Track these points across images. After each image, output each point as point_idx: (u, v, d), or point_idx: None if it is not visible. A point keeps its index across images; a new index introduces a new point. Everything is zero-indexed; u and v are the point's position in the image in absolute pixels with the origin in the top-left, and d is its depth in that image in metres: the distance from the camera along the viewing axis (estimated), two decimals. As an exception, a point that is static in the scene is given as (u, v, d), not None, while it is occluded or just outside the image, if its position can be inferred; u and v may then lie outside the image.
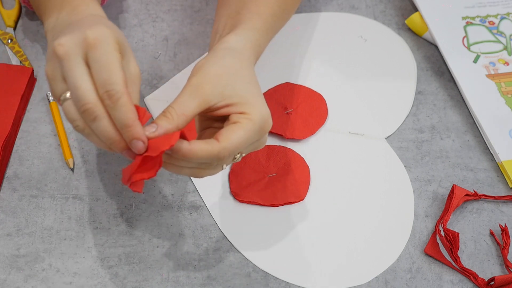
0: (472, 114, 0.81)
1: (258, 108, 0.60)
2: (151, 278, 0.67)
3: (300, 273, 0.68)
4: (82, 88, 0.55)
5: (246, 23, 0.68)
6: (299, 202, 0.73)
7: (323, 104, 0.81)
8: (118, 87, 0.54)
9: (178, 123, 0.58)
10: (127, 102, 0.54)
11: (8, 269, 0.67)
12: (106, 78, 0.54)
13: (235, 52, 0.64)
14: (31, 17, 0.87)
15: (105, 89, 0.54)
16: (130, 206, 0.72)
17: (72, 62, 0.55)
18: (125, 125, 0.55)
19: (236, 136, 0.58)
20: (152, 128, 0.57)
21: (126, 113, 0.54)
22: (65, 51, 0.55)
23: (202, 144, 0.57)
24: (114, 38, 0.56)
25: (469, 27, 0.89)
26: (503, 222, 0.73)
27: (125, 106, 0.54)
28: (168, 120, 0.57)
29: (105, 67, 0.54)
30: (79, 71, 0.55)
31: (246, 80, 0.62)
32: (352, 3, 0.92)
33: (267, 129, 0.61)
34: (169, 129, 0.57)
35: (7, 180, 0.73)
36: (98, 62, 0.55)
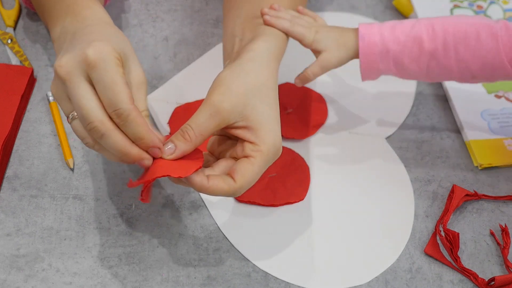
0: (446, 94, 0.82)
1: (272, 138, 0.60)
2: (151, 278, 0.67)
3: (300, 273, 0.68)
4: (86, 107, 0.55)
5: (269, 28, 0.68)
6: (299, 202, 0.73)
7: (323, 104, 0.81)
8: (125, 105, 0.55)
9: (196, 143, 0.59)
10: (136, 118, 0.55)
11: (8, 269, 0.67)
12: (111, 98, 0.55)
13: (262, 64, 0.63)
14: (31, 17, 0.87)
15: (112, 109, 0.55)
16: (130, 206, 0.72)
17: (74, 83, 0.56)
18: (139, 138, 0.56)
19: (251, 174, 0.59)
20: (169, 150, 0.58)
21: (137, 128, 0.56)
22: (66, 72, 0.56)
23: (220, 182, 0.58)
24: (115, 53, 0.56)
25: (456, 9, 0.89)
26: (503, 222, 0.73)
27: (135, 121, 0.55)
28: (186, 142, 0.58)
29: (109, 87, 0.55)
30: (81, 91, 0.56)
31: (267, 101, 0.61)
32: (352, 3, 0.92)
33: (278, 155, 0.62)
34: (187, 151, 0.59)
35: (7, 180, 0.73)
36: (101, 82, 0.55)
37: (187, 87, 0.82)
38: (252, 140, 0.60)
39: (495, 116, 0.80)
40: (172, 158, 0.58)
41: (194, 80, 0.83)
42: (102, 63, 0.55)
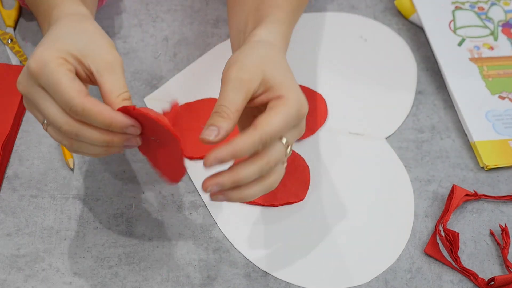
0: (450, 95, 0.82)
1: (294, 91, 0.59)
2: (151, 278, 0.67)
3: (300, 273, 0.68)
4: (51, 114, 0.56)
5: (270, 16, 0.67)
6: (299, 202, 0.73)
7: (323, 104, 0.81)
8: (74, 101, 0.55)
9: (234, 121, 0.57)
10: (91, 108, 0.55)
11: (8, 269, 0.67)
12: (61, 99, 0.55)
13: (268, 44, 0.63)
14: (31, 17, 0.87)
15: (68, 108, 0.55)
16: (130, 206, 0.72)
17: (33, 94, 0.57)
18: (107, 125, 0.56)
19: (274, 120, 0.57)
20: (213, 132, 0.56)
21: (98, 117, 0.55)
22: (22, 87, 0.58)
23: (242, 138, 0.56)
24: (57, 54, 0.56)
25: (457, 11, 0.90)
26: (503, 222, 0.73)
27: (92, 113, 0.55)
28: (225, 120, 0.56)
29: (55, 89, 0.55)
30: (41, 100, 0.57)
31: (282, 67, 0.61)
32: (352, 3, 0.92)
33: (304, 112, 0.60)
34: (229, 130, 0.57)
35: (7, 180, 0.73)
36: (48, 87, 0.56)
37: (187, 87, 0.82)
38: (275, 95, 0.58)
39: (500, 117, 0.81)
40: (219, 140, 0.56)
41: (194, 80, 0.82)
42: (43, 69, 0.55)
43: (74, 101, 0.55)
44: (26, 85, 0.57)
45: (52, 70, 0.55)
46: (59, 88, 0.55)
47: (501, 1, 0.92)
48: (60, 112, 0.56)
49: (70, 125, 0.56)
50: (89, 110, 0.55)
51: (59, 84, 0.55)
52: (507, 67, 0.85)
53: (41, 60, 0.56)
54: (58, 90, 0.55)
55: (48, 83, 0.55)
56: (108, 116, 0.55)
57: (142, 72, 0.83)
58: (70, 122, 0.56)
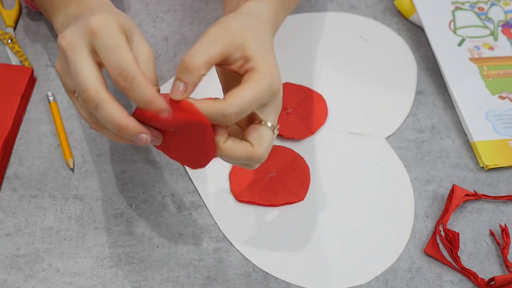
0: (450, 95, 0.82)
1: (269, 66, 0.58)
2: (151, 278, 0.67)
3: (300, 273, 0.68)
4: (82, 74, 0.54)
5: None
6: (299, 202, 0.73)
7: (323, 104, 0.81)
8: (130, 67, 0.53)
9: (202, 72, 0.55)
10: (142, 80, 0.53)
11: (8, 269, 0.67)
12: (116, 60, 0.53)
13: (255, 16, 0.63)
14: (31, 17, 0.87)
15: (118, 71, 0.53)
16: (130, 206, 0.72)
17: (75, 52, 0.55)
18: (147, 102, 0.54)
19: (243, 94, 0.56)
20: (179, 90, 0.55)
21: (144, 90, 0.53)
22: (68, 42, 0.55)
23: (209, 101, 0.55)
24: (118, 23, 0.55)
25: (457, 11, 0.90)
26: (503, 222, 0.73)
27: (141, 83, 0.53)
28: (191, 73, 0.55)
29: (113, 50, 0.53)
30: (80, 59, 0.54)
31: (263, 39, 0.60)
32: (352, 3, 0.92)
33: (276, 88, 0.58)
34: (195, 82, 0.55)
35: (7, 180, 0.73)
36: (105, 47, 0.54)
37: (187, 87, 0.82)
38: (250, 67, 0.58)
39: (500, 117, 0.81)
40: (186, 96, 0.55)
41: (194, 80, 0.82)
42: (106, 30, 0.54)
43: (129, 66, 0.53)
44: (74, 41, 0.55)
45: (114, 33, 0.54)
46: (118, 49, 0.53)
47: (501, 1, 0.92)
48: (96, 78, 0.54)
49: (98, 93, 0.53)
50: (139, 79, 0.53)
51: (119, 46, 0.53)
52: (507, 67, 0.85)
53: (104, 21, 0.54)
54: (117, 51, 0.53)
55: (105, 42, 0.53)
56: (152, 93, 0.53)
57: (142, 72, 0.82)
58: (99, 90, 0.54)
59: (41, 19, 0.86)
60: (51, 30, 0.85)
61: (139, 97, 0.54)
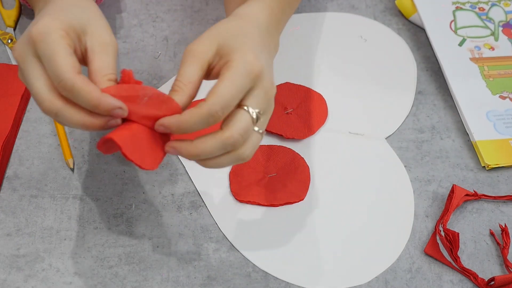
0: (451, 95, 0.82)
1: (241, 53, 0.57)
2: (151, 278, 0.67)
3: (300, 273, 0.68)
4: (35, 88, 0.55)
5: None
6: (299, 202, 0.73)
7: (323, 104, 0.81)
8: (66, 75, 0.53)
9: (188, 92, 0.56)
10: (81, 86, 0.53)
11: (8, 269, 0.67)
12: (53, 70, 0.54)
13: (241, 15, 0.62)
14: (31, 17, 0.87)
15: (57, 81, 0.54)
16: (130, 206, 0.72)
17: (25, 64, 0.55)
18: (94, 106, 0.54)
19: (221, 88, 0.55)
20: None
21: (86, 96, 0.53)
22: (18, 54, 0.56)
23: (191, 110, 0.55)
24: (60, 25, 0.55)
25: (458, 11, 0.90)
26: (503, 222, 0.73)
27: (82, 90, 0.53)
28: (177, 93, 0.56)
29: (50, 59, 0.54)
30: (30, 71, 0.55)
31: (242, 35, 0.59)
32: (352, 3, 0.92)
33: (256, 71, 0.57)
34: (183, 101, 0.56)
35: (7, 180, 0.73)
36: (43, 57, 0.54)
37: (187, 87, 0.82)
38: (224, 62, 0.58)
39: (501, 116, 0.81)
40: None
41: (194, 80, 0.82)
42: (44, 37, 0.54)
43: (65, 75, 0.53)
44: (22, 52, 0.55)
45: (52, 40, 0.54)
46: (54, 59, 0.54)
47: (502, 2, 0.92)
48: (45, 87, 0.54)
49: (51, 103, 0.54)
50: (78, 87, 0.53)
51: (55, 55, 0.54)
52: (507, 67, 0.85)
53: (44, 29, 0.54)
54: (53, 61, 0.53)
55: (45, 52, 0.54)
56: (96, 96, 0.53)
57: (142, 72, 0.83)
58: (53, 100, 0.54)
59: (41, 19, 0.86)
60: (51, 30, 0.85)
61: (84, 103, 0.54)
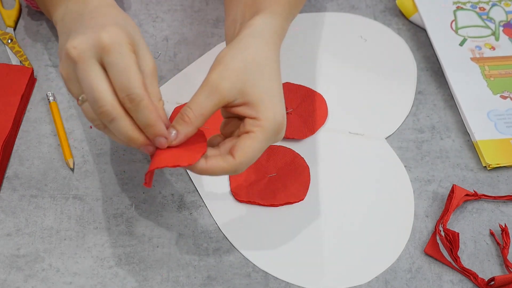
0: (452, 94, 0.82)
1: (272, 112, 0.59)
2: (151, 278, 0.67)
3: (300, 273, 0.68)
4: (98, 90, 0.55)
5: (268, 8, 0.66)
6: (299, 202, 0.73)
7: (323, 104, 0.81)
8: (138, 91, 0.55)
9: (197, 124, 0.59)
10: (148, 104, 0.56)
11: (8, 269, 0.67)
12: (125, 83, 0.55)
13: (261, 38, 0.63)
14: (31, 17, 0.87)
15: (125, 93, 0.55)
16: (130, 206, 0.72)
17: (87, 65, 0.56)
18: (148, 125, 0.56)
19: (251, 149, 0.59)
20: (171, 136, 0.58)
21: (148, 114, 0.56)
22: (79, 54, 0.56)
23: (219, 161, 0.59)
24: (128, 40, 0.56)
25: (458, 11, 0.90)
26: (503, 222, 0.73)
27: (147, 108, 0.56)
28: (186, 124, 0.58)
29: (123, 72, 0.55)
30: (93, 74, 0.55)
31: (267, 75, 0.61)
32: (352, 3, 0.92)
33: (281, 132, 0.61)
34: (189, 133, 0.59)
35: (7, 180, 0.73)
36: (115, 67, 0.55)
37: (187, 87, 0.82)
38: (253, 115, 0.59)
39: (501, 116, 0.81)
40: (176, 144, 0.58)
41: (194, 80, 0.82)
42: (117, 48, 0.55)
43: (136, 90, 0.55)
44: (84, 52, 0.55)
45: (125, 52, 0.55)
46: (128, 71, 0.55)
47: (502, 2, 0.92)
48: (110, 93, 0.55)
49: (114, 108, 0.56)
50: (145, 103, 0.55)
51: (129, 68, 0.55)
52: (508, 67, 0.85)
53: (116, 38, 0.55)
54: (126, 73, 0.55)
55: (116, 62, 0.55)
56: (155, 117, 0.56)
57: (142, 72, 0.82)
58: (115, 106, 0.56)
59: (41, 18, 0.86)
60: (51, 30, 0.85)
61: (142, 119, 0.56)
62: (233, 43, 0.62)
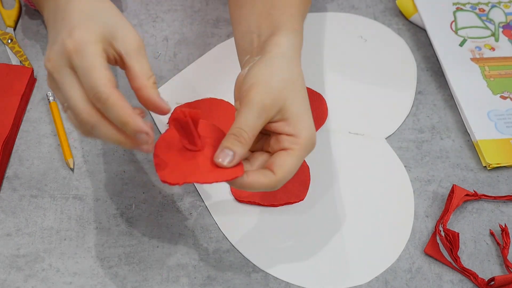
0: (452, 95, 0.82)
1: (309, 130, 0.61)
2: (151, 278, 0.67)
3: (300, 273, 0.68)
4: (73, 99, 0.55)
5: (288, 24, 0.68)
6: (299, 202, 0.73)
7: (323, 104, 0.81)
8: (102, 88, 0.54)
9: (249, 146, 0.59)
10: (116, 101, 0.54)
11: (8, 269, 0.67)
12: (89, 82, 0.54)
13: (290, 59, 0.64)
14: (31, 17, 0.87)
15: (92, 93, 0.55)
16: (130, 206, 0.72)
17: (60, 75, 0.56)
18: (122, 122, 0.55)
19: (290, 166, 0.60)
20: (228, 157, 0.58)
21: (118, 112, 0.54)
22: (52, 66, 0.56)
23: (260, 177, 0.59)
24: (95, 37, 0.56)
25: (458, 12, 0.90)
26: (503, 222, 0.73)
27: (115, 105, 0.54)
28: (242, 145, 0.59)
29: (87, 72, 0.55)
30: (67, 82, 0.56)
31: (302, 92, 0.62)
32: (352, 3, 0.92)
33: (314, 147, 0.62)
34: (244, 155, 0.59)
35: (7, 180, 0.73)
36: (80, 69, 0.55)
37: (187, 87, 0.82)
38: (291, 133, 0.60)
39: (502, 116, 0.81)
40: (233, 165, 0.58)
41: (194, 80, 0.82)
42: (80, 50, 0.55)
43: (101, 88, 0.54)
44: (56, 63, 0.56)
45: (88, 53, 0.55)
46: (91, 72, 0.54)
47: (502, 3, 0.92)
48: (83, 99, 0.55)
49: (90, 115, 0.55)
50: (113, 101, 0.54)
51: (92, 68, 0.54)
52: (508, 67, 0.86)
53: (80, 41, 0.55)
54: (90, 74, 0.54)
55: (81, 65, 0.55)
56: (127, 113, 0.54)
57: (142, 72, 0.82)
58: (90, 112, 0.55)
59: (41, 18, 0.86)
60: (51, 30, 0.85)
61: (114, 118, 0.55)
62: (264, 62, 0.63)
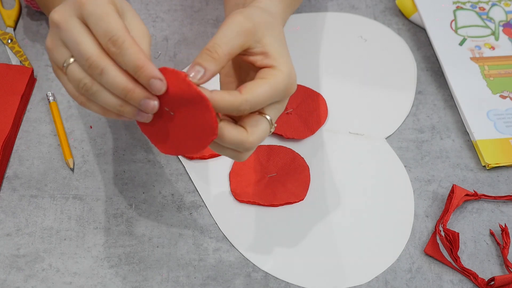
0: (452, 94, 0.83)
1: (288, 66, 0.58)
2: (151, 278, 0.67)
3: (300, 273, 0.68)
4: (83, 43, 0.54)
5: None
6: (299, 202, 0.73)
7: (323, 104, 0.81)
8: (119, 32, 0.53)
9: (222, 64, 0.56)
10: (132, 44, 0.53)
11: (8, 269, 0.67)
12: (105, 27, 0.53)
13: (270, 13, 0.62)
14: (31, 17, 0.87)
15: (107, 38, 0.53)
16: (130, 206, 0.72)
17: (69, 23, 0.54)
18: (137, 66, 0.53)
19: (260, 90, 0.56)
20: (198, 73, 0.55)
21: (134, 55, 0.53)
22: (60, 16, 0.55)
23: (224, 93, 0.55)
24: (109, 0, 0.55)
25: (458, 11, 0.90)
26: (503, 222, 0.73)
27: (131, 47, 0.53)
28: (215, 61, 0.55)
29: (101, 18, 0.53)
30: (76, 29, 0.54)
31: (281, 39, 0.60)
32: (352, 3, 0.92)
33: (292, 90, 0.59)
34: (215, 72, 0.55)
35: (7, 180, 0.73)
36: (93, 15, 0.53)
37: (187, 87, 0.82)
38: (270, 64, 0.58)
39: (501, 116, 0.81)
40: (202, 82, 0.55)
41: (194, 80, 0.82)
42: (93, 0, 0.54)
43: (117, 31, 0.52)
44: (64, 13, 0.55)
45: (102, 2, 0.53)
46: (106, 17, 0.53)
47: (502, 2, 0.92)
48: (94, 44, 0.54)
49: (102, 58, 0.53)
50: (129, 43, 0.52)
51: (107, 14, 0.53)
52: (508, 66, 0.85)
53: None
54: (105, 19, 0.53)
55: (93, 12, 0.53)
56: (143, 58, 0.53)
57: (142, 72, 0.82)
58: (102, 56, 0.53)
59: (41, 19, 0.86)
60: (51, 30, 0.85)
61: (129, 62, 0.53)
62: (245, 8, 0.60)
